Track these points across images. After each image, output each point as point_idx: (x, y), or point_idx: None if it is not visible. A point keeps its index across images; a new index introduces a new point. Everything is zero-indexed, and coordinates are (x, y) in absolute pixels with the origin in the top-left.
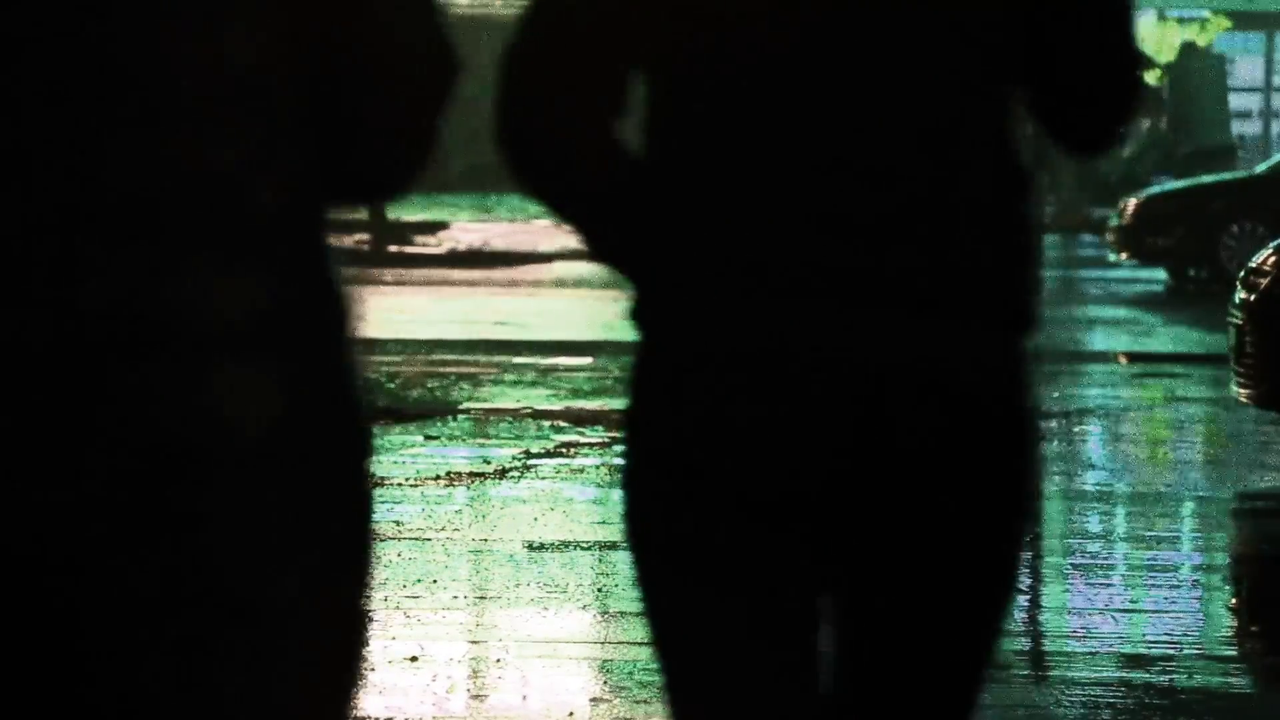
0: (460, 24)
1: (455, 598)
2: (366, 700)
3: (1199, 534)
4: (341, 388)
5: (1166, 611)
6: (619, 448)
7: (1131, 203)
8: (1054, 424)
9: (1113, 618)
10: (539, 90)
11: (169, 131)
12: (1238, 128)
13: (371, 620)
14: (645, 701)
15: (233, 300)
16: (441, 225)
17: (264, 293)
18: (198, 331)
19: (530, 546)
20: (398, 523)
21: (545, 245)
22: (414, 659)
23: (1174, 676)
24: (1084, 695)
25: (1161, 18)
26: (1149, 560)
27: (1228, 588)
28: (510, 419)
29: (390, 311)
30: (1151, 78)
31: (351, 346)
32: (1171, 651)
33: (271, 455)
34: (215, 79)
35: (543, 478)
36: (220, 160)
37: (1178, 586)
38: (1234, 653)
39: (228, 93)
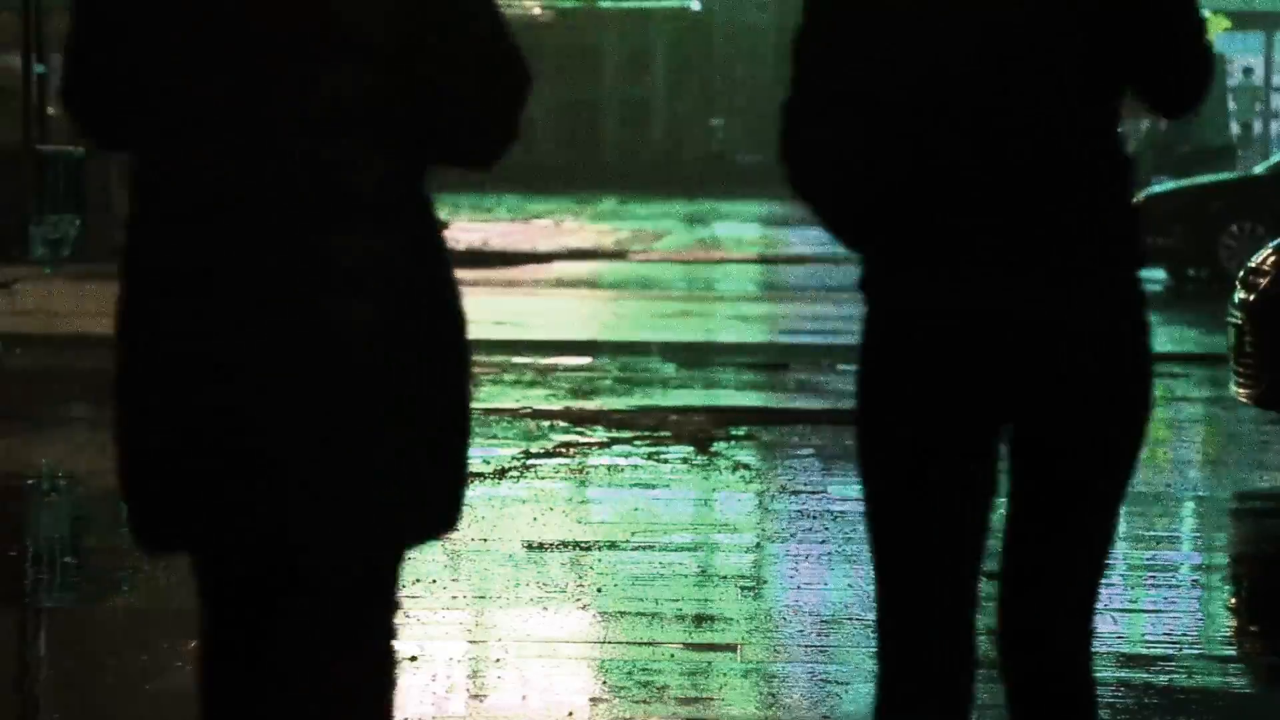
0: None
1: (455, 598)
2: None
3: (1199, 534)
4: (441, 290)
5: (1166, 611)
6: (618, 448)
7: None
8: None
9: (1113, 618)
10: (811, 130)
11: (325, 126)
12: (1237, 128)
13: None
14: (645, 701)
15: (363, 241)
16: (441, 225)
17: (380, 238)
18: (345, 260)
19: (530, 546)
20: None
21: (545, 245)
22: (414, 659)
23: (1174, 676)
24: None
25: None
26: (1149, 560)
27: (1228, 588)
28: (510, 419)
29: None
30: None
31: (448, 269)
32: (1171, 651)
33: (408, 322)
34: (357, 95)
35: (543, 478)
36: (350, 150)
37: (1178, 586)
38: (1234, 653)
39: (364, 98)
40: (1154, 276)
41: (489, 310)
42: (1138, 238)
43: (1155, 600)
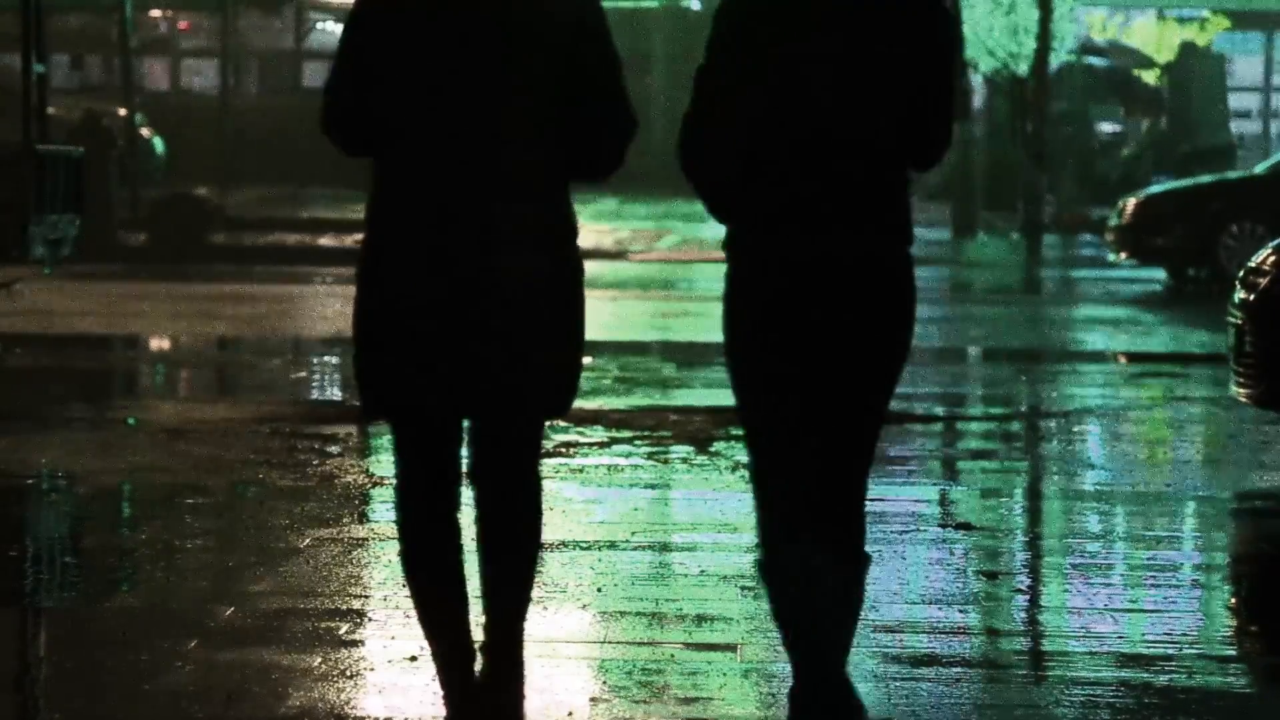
0: None
1: None
2: (366, 700)
3: (1199, 534)
4: (572, 251)
5: (1166, 611)
6: (618, 448)
7: (1131, 203)
8: (1054, 424)
9: (1113, 618)
10: (701, 137)
11: (510, 141)
12: (1237, 128)
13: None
14: (645, 701)
15: (532, 216)
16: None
17: (545, 214)
18: (518, 227)
19: None
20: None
21: None
22: (414, 659)
23: (1174, 676)
24: (1084, 695)
25: (1161, 17)
26: (1149, 560)
27: (1228, 588)
28: None
29: None
30: (1151, 77)
31: (576, 238)
32: (1171, 651)
33: (552, 268)
34: (531, 119)
35: (543, 477)
36: (532, 155)
37: (1178, 586)
38: (1234, 653)
39: (537, 123)
40: (1154, 276)
41: None
42: (909, 225)
43: (1155, 600)
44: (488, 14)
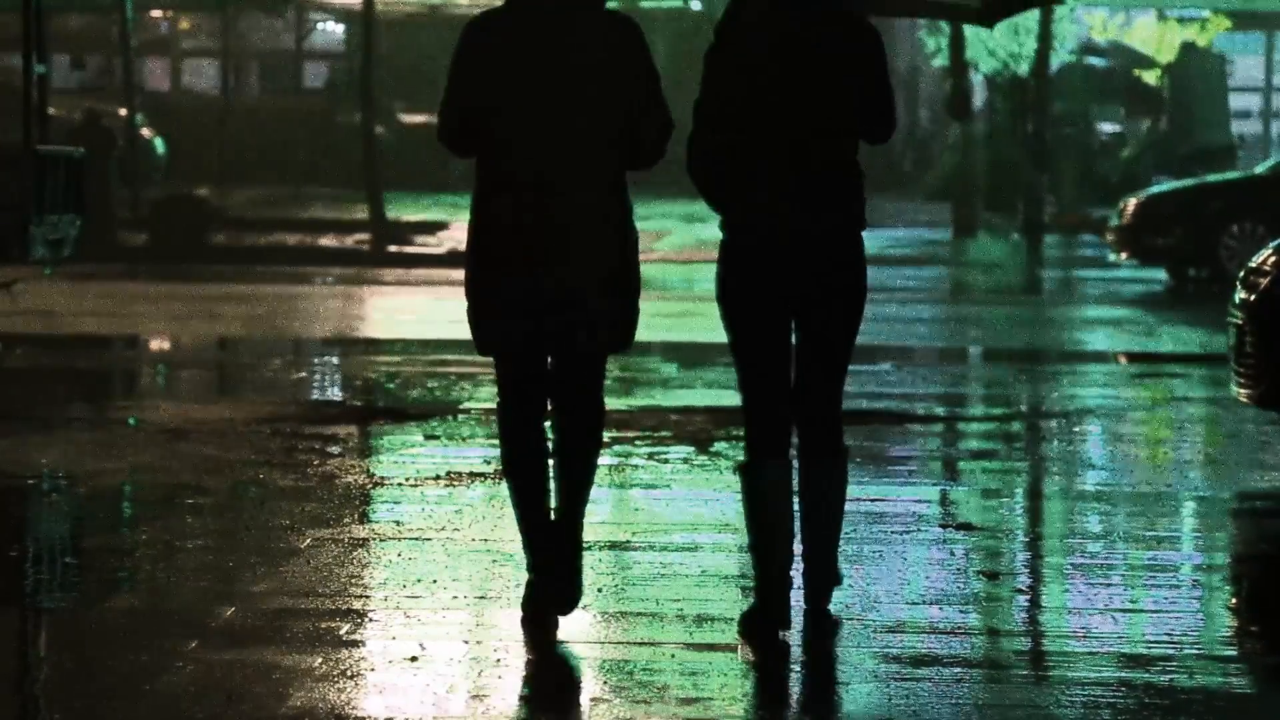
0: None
1: (455, 598)
2: (366, 700)
3: (1199, 534)
4: (630, 238)
5: (1166, 611)
6: (619, 448)
7: (1131, 203)
8: (1054, 424)
9: (1113, 618)
10: (702, 148)
11: (581, 145)
12: (1238, 128)
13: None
14: (645, 701)
15: (603, 207)
16: (441, 225)
17: (614, 203)
18: (591, 218)
19: None
20: (398, 523)
21: None
22: (414, 659)
23: (1174, 676)
24: (1084, 695)
25: (1161, 17)
26: (1149, 560)
27: (1228, 588)
28: None
29: (390, 311)
30: (1151, 77)
31: (631, 217)
32: (1171, 651)
33: (618, 256)
34: (597, 127)
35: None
36: (599, 155)
37: (1178, 586)
38: (1234, 653)
39: (601, 131)
40: (1154, 276)
41: None
42: (863, 207)
43: (1155, 600)
44: (565, 49)
